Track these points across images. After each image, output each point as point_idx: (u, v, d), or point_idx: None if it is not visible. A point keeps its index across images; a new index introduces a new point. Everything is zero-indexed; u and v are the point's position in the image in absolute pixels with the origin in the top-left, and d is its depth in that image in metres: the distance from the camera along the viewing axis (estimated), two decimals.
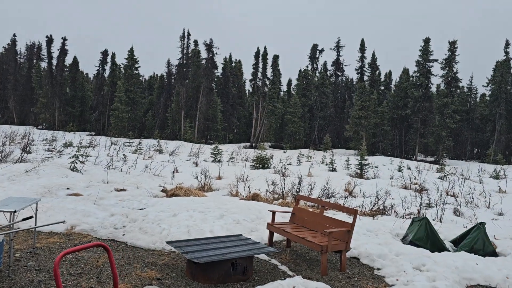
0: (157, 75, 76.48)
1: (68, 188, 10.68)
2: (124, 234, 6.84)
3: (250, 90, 69.37)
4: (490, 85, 57.28)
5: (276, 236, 7.34)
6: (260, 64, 60.77)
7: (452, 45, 51.77)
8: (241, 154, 33.08)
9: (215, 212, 8.16)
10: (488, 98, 59.89)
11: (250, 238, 6.00)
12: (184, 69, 61.04)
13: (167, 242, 5.39)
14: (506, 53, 54.37)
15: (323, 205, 6.67)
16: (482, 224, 7.16)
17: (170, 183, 14.28)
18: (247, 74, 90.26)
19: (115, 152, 24.02)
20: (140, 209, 8.52)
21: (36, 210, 5.70)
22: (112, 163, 17.77)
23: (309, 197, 6.99)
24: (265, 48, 59.97)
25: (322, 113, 62.55)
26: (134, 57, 60.53)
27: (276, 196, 12.23)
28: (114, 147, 27.43)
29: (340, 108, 68.94)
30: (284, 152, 45.80)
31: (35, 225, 5.73)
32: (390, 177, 21.43)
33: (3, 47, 68.54)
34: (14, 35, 65.58)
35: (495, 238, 8.18)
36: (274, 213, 6.87)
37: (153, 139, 43.14)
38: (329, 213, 8.94)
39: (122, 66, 61.89)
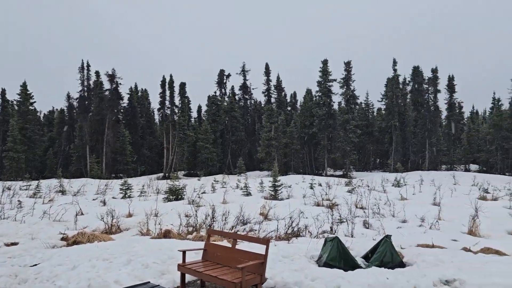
0: (56, 109, 71.56)
1: None
2: None
3: (160, 119, 67.92)
4: (383, 100, 62.66)
5: (190, 276, 6.88)
6: (167, 93, 59.92)
7: (347, 65, 55.93)
8: (153, 186, 31.78)
9: (122, 258, 7.50)
10: (383, 112, 65.36)
11: (158, 285, 5.49)
12: (86, 102, 57.92)
13: None
14: (395, 70, 60.19)
15: (234, 238, 6.42)
16: (388, 237, 7.44)
17: (73, 228, 13.02)
18: (155, 103, 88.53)
19: (8, 198, 21.54)
20: (33, 265, 7.52)
21: None
22: (4, 212, 15.83)
23: (220, 230, 6.71)
24: (171, 76, 59.40)
25: (234, 137, 63.18)
26: (28, 92, 56.12)
27: (190, 229, 11.71)
28: (8, 193, 24.63)
29: (251, 131, 70.26)
30: (199, 179, 45.09)
31: None
32: (303, 196, 21.93)
33: None
34: None
35: (401, 248, 8.56)
36: (184, 252, 6.43)
37: (55, 179, 39.68)
38: (244, 244, 8.69)
39: (14, 102, 56.97)
